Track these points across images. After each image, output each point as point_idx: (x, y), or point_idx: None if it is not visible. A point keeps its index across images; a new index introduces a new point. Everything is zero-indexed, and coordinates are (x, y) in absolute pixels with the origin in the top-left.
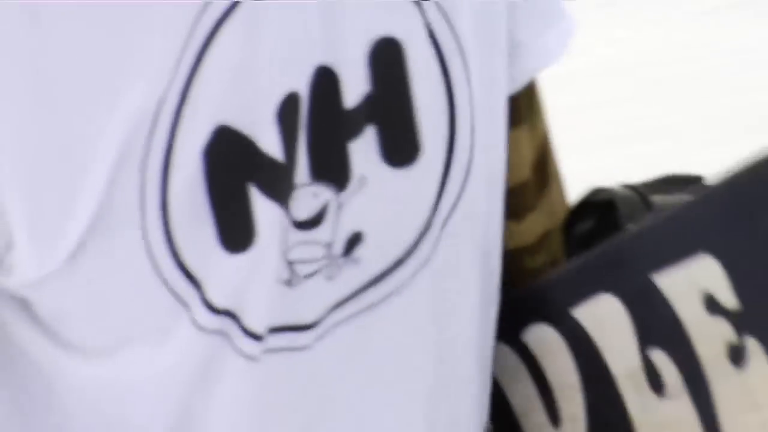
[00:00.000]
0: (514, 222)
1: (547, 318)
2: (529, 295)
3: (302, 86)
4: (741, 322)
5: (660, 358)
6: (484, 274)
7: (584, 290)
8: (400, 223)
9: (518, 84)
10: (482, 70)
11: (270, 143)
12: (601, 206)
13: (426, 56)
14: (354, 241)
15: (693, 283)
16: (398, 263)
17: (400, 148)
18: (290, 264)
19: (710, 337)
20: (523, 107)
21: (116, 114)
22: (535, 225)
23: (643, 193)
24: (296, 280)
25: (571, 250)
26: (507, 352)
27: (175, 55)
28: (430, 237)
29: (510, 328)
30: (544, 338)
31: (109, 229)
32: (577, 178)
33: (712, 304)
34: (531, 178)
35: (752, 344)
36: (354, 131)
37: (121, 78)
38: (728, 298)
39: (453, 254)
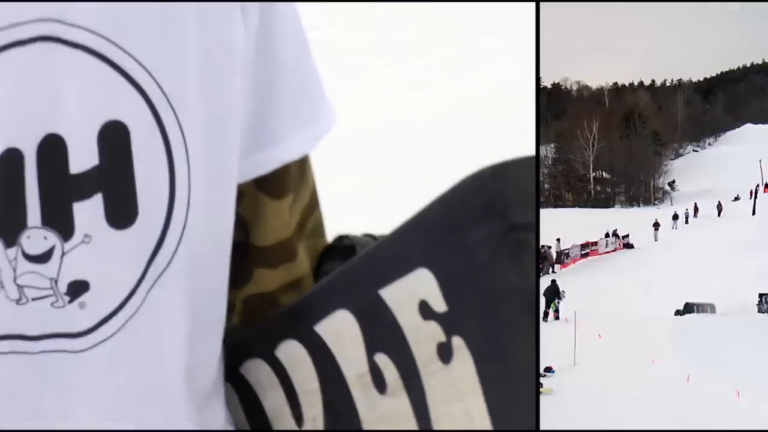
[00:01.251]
0: (271, 269)
1: (295, 335)
2: (280, 318)
3: (27, 146)
4: (448, 323)
5: (383, 361)
6: (194, 317)
7: (324, 308)
8: (120, 276)
9: (267, 169)
10: (207, 155)
11: None
12: (344, 250)
13: (150, 137)
14: (79, 287)
15: (411, 294)
16: (118, 309)
17: (121, 214)
18: (20, 287)
19: (424, 338)
20: (289, 182)
21: None
22: (290, 271)
23: (378, 238)
24: (24, 301)
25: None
26: (262, 365)
27: None
28: (144, 286)
29: (265, 346)
30: (292, 353)
31: None
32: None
33: (426, 310)
34: (292, 237)
35: (457, 341)
36: (80, 194)
37: None
38: (439, 303)
39: (165, 300)
